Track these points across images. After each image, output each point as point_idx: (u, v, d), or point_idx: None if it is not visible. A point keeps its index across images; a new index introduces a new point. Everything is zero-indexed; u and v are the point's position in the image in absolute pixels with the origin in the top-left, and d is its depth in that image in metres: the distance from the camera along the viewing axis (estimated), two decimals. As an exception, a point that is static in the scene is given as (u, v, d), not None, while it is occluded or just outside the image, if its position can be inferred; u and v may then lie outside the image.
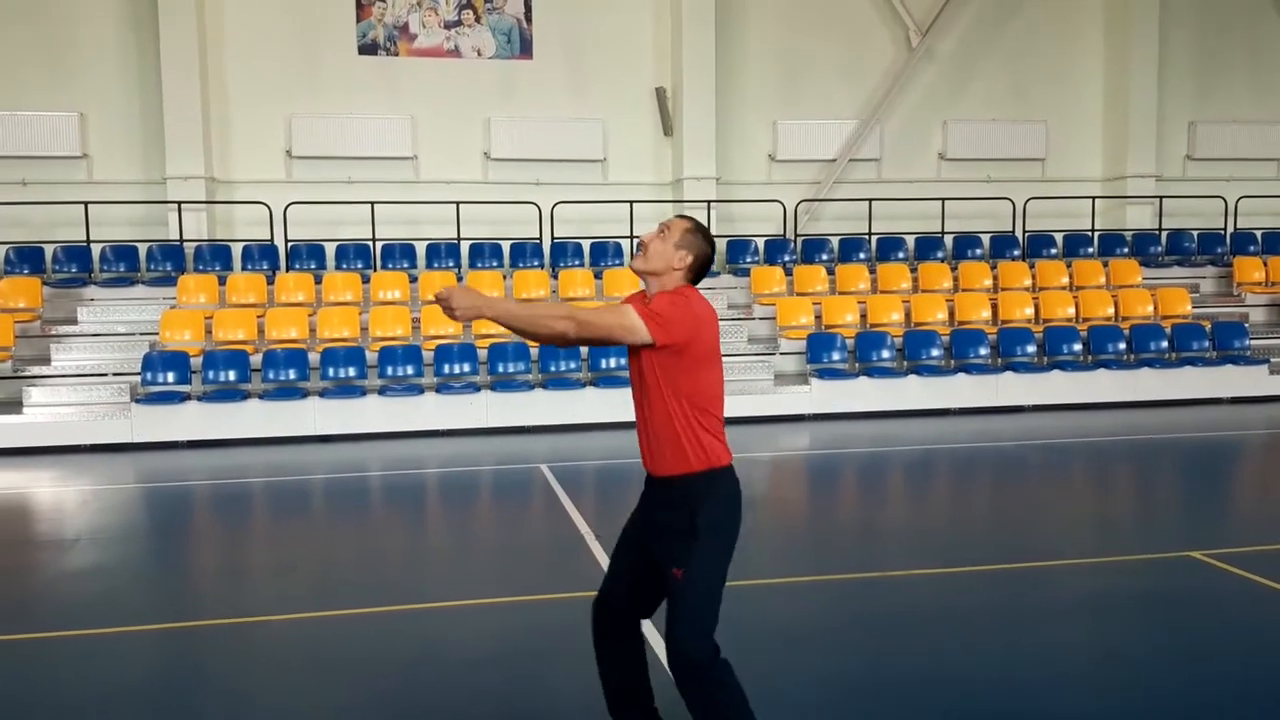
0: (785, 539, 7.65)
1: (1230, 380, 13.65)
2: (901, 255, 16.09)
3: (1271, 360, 13.93)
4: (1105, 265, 15.67)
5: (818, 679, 4.83)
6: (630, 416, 11.28)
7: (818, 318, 14.12)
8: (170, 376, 11.82)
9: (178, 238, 14.64)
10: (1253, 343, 14.31)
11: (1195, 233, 17.18)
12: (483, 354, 12.63)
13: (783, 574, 6.59)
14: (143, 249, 14.54)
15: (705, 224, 3.78)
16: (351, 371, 12.21)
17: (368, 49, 15.60)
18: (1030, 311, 14.37)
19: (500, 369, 12.51)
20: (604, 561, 6.76)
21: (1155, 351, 13.79)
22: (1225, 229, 17.49)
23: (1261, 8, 18.07)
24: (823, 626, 5.63)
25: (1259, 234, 17.30)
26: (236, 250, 14.82)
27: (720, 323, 11.94)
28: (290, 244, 14.92)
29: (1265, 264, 16.18)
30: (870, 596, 6.12)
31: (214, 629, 5.79)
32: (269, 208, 14.92)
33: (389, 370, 12.29)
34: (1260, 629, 5.47)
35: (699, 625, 3.54)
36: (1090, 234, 16.86)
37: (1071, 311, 14.48)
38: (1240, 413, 12.93)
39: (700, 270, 3.67)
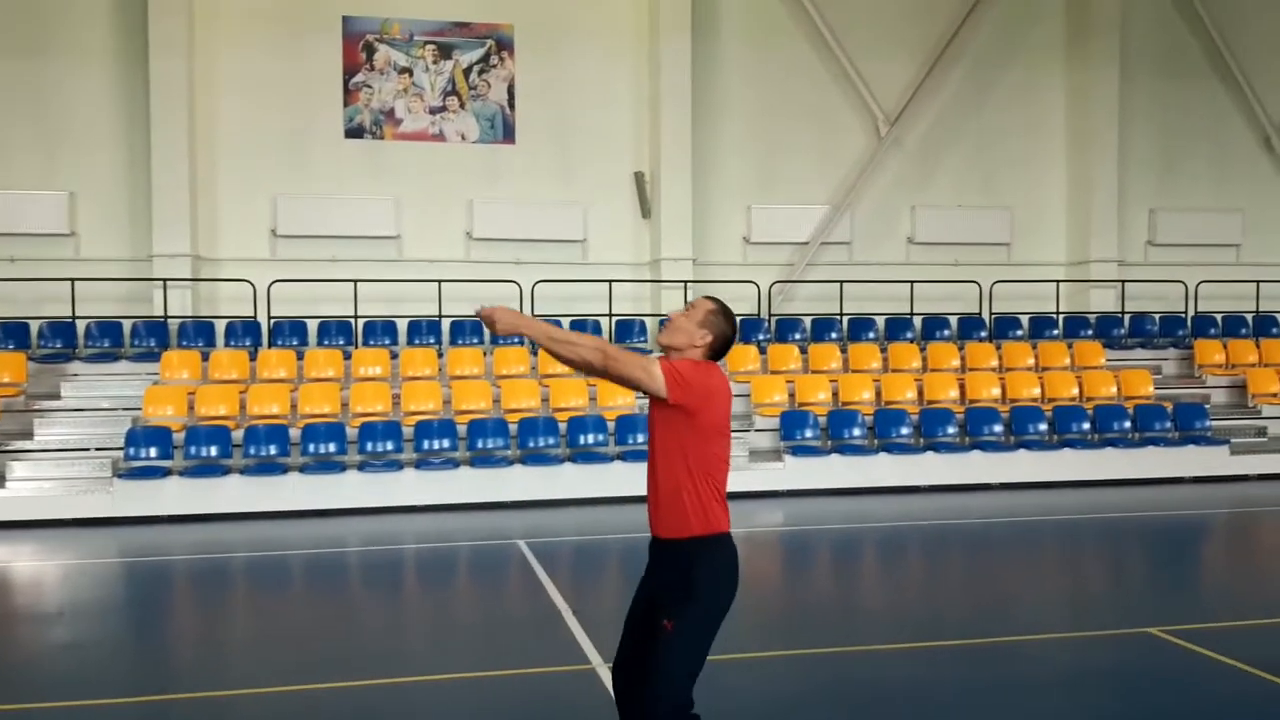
0: (761, 614, 7.83)
1: (1192, 460, 14.00)
2: (872, 335, 16.48)
3: (1232, 441, 14.31)
4: (1070, 347, 16.10)
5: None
6: (607, 492, 11.59)
7: (791, 395, 14.42)
8: (152, 451, 11.95)
9: (162, 314, 14.86)
10: (1213, 424, 14.69)
11: (1157, 316, 17.69)
12: (462, 430, 12.83)
13: (759, 649, 6.77)
14: (127, 325, 14.75)
15: (728, 307, 4.07)
16: (332, 447, 12.38)
17: (354, 132, 16.03)
18: (997, 391, 14.73)
19: (479, 445, 12.71)
20: (581, 637, 6.96)
21: (1118, 431, 14.15)
22: (1186, 312, 18.02)
23: (1219, 99, 18.82)
24: (799, 701, 5.81)
25: (1219, 317, 17.82)
26: (220, 327, 15.04)
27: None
28: (273, 321, 15.16)
29: (1225, 347, 16.66)
30: (846, 671, 6.32)
31: (192, 702, 5.92)
32: (253, 285, 15.19)
33: (369, 446, 12.46)
34: (1214, 703, 5.71)
35: (679, 681, 3.76)
36: (1055, 316, 17.34)
37: (1037, 392, 14.86)
38: (1202, 492, 13.26)
39: (720, 350, 3.94)
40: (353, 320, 15.36)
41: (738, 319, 15.54)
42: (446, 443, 12.64)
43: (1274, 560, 10.24)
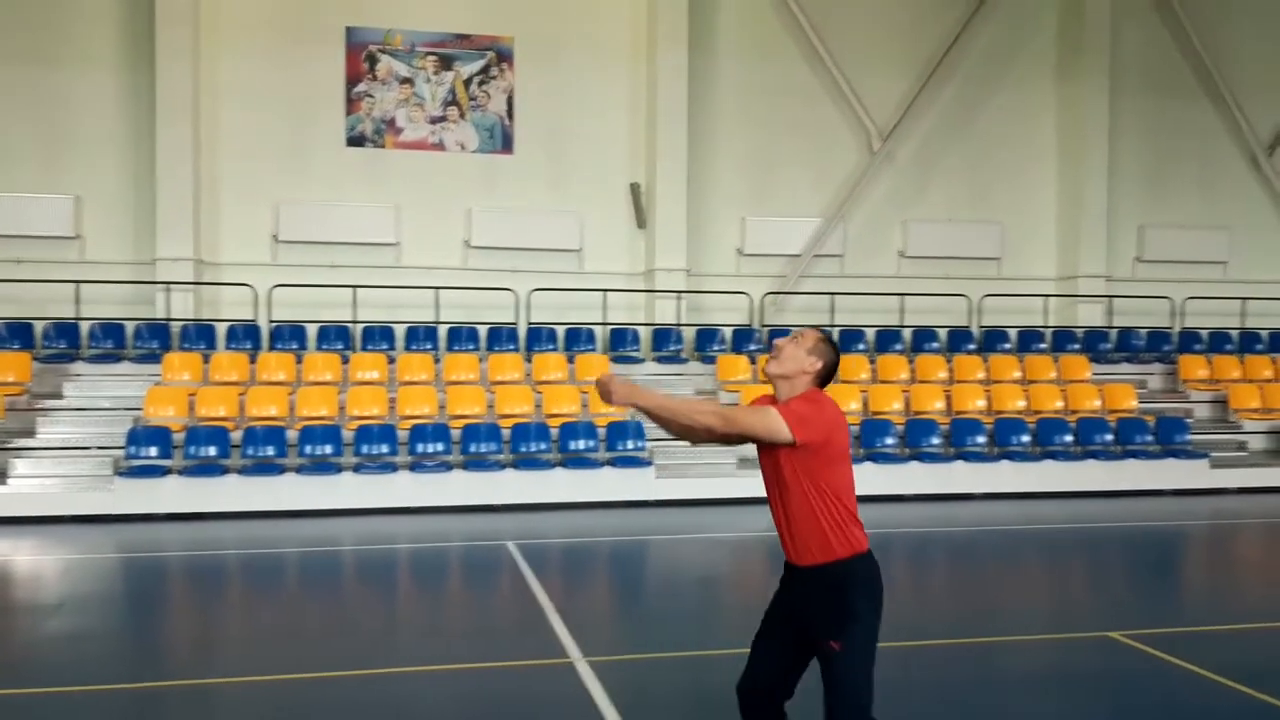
0: (750, 612, 8.10)
1: (1172, 473, 14.26)
2: (862, 347, 16.75)
3: (1212, 455, 14.56)
4: (1056, 360, 16.38)
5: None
6: (596, 497, 11.85)
7: (774, 401, 14.65)
8: (153, 451, 12.23)
9: (164, 316, 15.15)
10: (1195, 438, 14.95)
11: (1144, 331, 17.96)
12: (456, 434, 13.10)
13: (743, 644, 7.02)
14: (130, 327, 15.04)
15: (832, 336, 4.14)
16: (328, 449, 12.66)
17: (355, 141, 16.34)
18: (982, 403, 15.00)
19: (472, 449, 12.98)
20: (563, 634, 7.22)
21: (1100, 444, 14.41)
22: (1172, 328, 18.29)
23: (1208, 118, 19.11)
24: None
25: (1204, 333, 18.10)
26: (221, 330, 15.33)
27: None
28: (273, 325, 15.45)
29: (1210, 362, 16.93)
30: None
31: (184, 689, 6.19)
32: (254, 289, 15.48)
33: (365, 448, 12.74)
34: (1161, 703, 5.97)
35: (859, 698, 3.86)
36: (1043, 330, 17.61)
37: (1022, 404, 15.12)
38: (1180, 505, 13.50)
39: (827, 377, 4.03)
40: (351, 325, 15.64)
41: (731, 330, 15.85)
42: (440, 446, 12.92)
43: (1239, 570, 10.49)
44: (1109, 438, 14.45)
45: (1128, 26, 18.59)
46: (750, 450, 13.14)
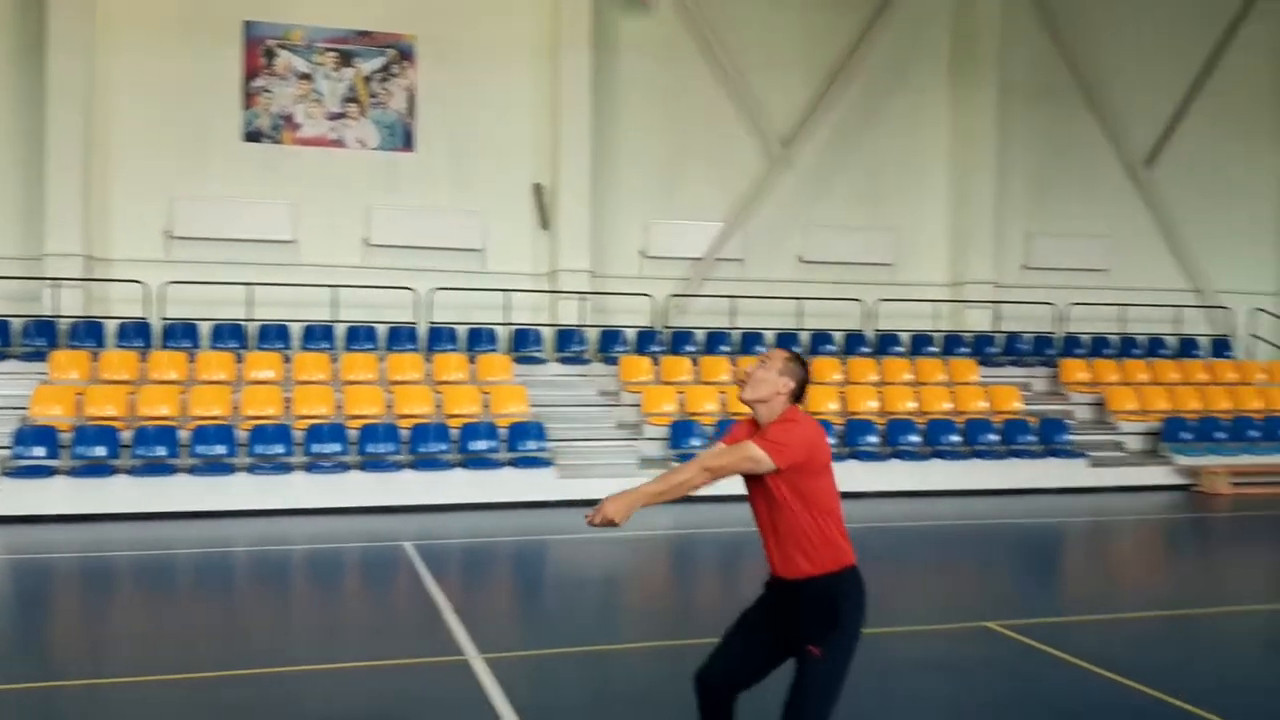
0: (649, 610, 8.25)
1: (1053, 472, 14.87)
2: (761, 349, 17.07)
3: (1090, 454, 15.23)
4: (946, 363, 16.92)
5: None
6: (497, 498, 11.86)
7: (681, 405, 14.90)
8: (40, 451, 11.90)
9: (52, 314, 14.71)
10: (1075, 438, 15.61)
11: (1029, 335, 18.66)
12: (354, 434, 13.01)
13: (641, 639, 7.17)
14: (16, 324, 14.56)
15: (799, 354, 4.20)
16: (222, 449, 12.46)
17: (253, 136, 16.07)
18: (875, 404, 15.42)
19: (370, 449, 12.90)
20: (460, 633, 7.26)
21: (986, 444, 14.95)
22: (1055, 333, 19.03)
23: (1091, 130, 19.92)
24: (684, 684, 6.23)
25: (1086, 338, 18.88)
26: (111, 328, 14.94)
27: (587, 409, 12.64)
28: (166, 322, 15.12)
29: (1090, 366, 17.67)
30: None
31: (73, 689, 6.10)
32: (146, 286, 15.13)
33: (259, 449, 12.56)
34: (1027, 686, 6.30)
35: (825, 707, 3.96)
36: (933, 334, 18.17)
37: (913, 405, 15.59)
38: (1060, 502, 14.08)
39: (800, 392, 4.09)
40: (246, 324, 15.39)
41: (635, 331, 16.02)
42: (337, 447, 12.81)
43: (1109, 565, 11.02)
44: (994, 438, 15.00)
45: (1017, 41, 19.28)
46: (650, 449, 13.29)
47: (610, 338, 16.87)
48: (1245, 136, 20.78)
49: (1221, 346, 19.64)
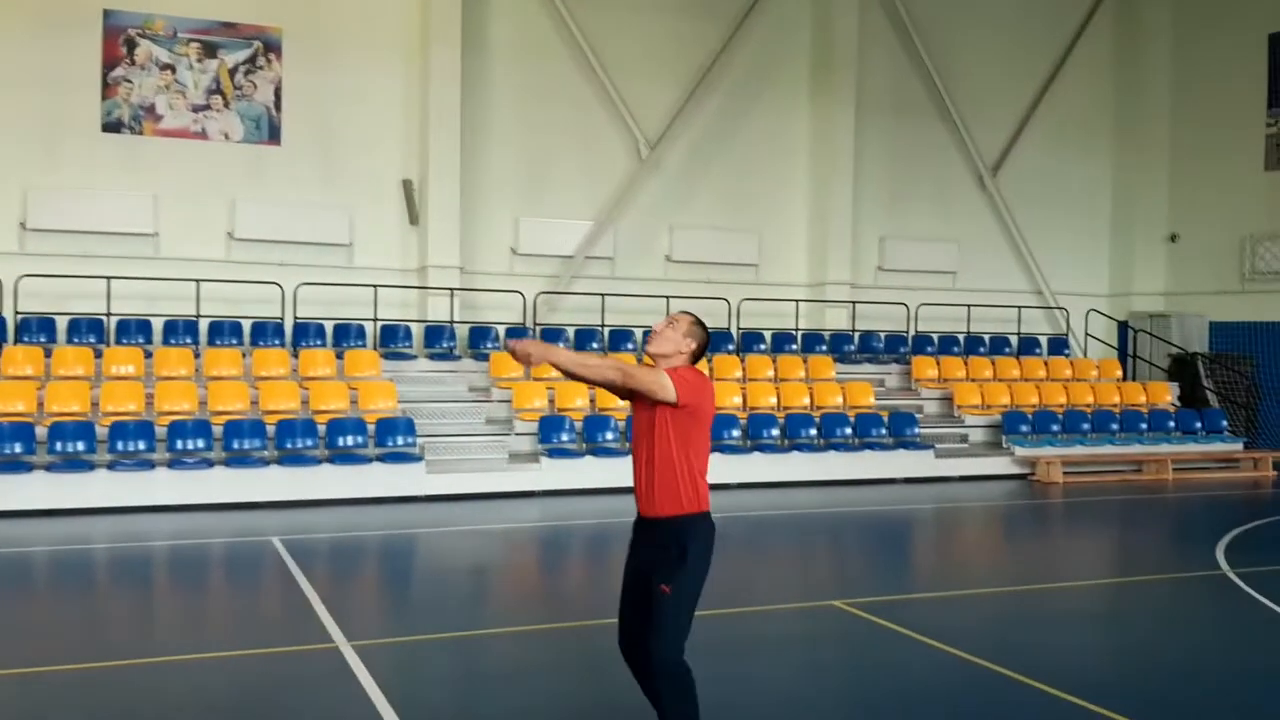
0: (517, 597, 8.51)
1: (903, 463, 15.69)
2: (630, 346, 17.49)
3: (936, 446, 16.12)
4: (805, 361, 17.63)
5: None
6: (365, 493, 11.98)
7: (551, 401, 15.18)
8: (-120, 449, 11.45)
9: (-108, 306, 14.14)
10: (923, 431, 16.48)
11: (883, 334, 19.56)
12: (218, 430, 12.88)
13: (507, 625, 7.44)
14: None
15: (702, 320, 4.79)
16: (80, 446, 12.20)
17: (112, 126, 15.69)
18: (739, 400, 15.99)
19: (235, 445, 12.80)
20: (329, 621, 7.42)
21: (841, 437, 15.68)
22: (908, 332, 20.00)
23: (942, 139, 20.98)
24: (549, 664, 6.54)
25: (935, 337, 19.89)
26: (-42, 321, 14.43)
27: (458, 404, 12.86)
28: (20, 316, 14.66)
29: (938, 363, 18.64)
30: (591, 639, 7.09)
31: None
32: (-3, 279, 14.66)
33: (120, 445, 12.34)
34: (874, 657, 6.82)
35: (675, 637, 4.46)
36: (795, 333, 18.90)
37: (774, 400, 16.22)
38: (909, 491, 14.89)
39: (699, 354, 4.67)
40: (105, 318, 15.04)
41: (505, 328, 16.18)
42: (201, 443, 12.68)
43: (950, 547, 11.78)
44: (848, 431, 15.74)
45: (873, 51, 20.17)
46: (519, 445, 13.54)
47: (480, 334, 17.03)
48: (1083, 147, 22.19)
49: (1059, 345, 20.93)
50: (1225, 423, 18.55)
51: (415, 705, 5.69)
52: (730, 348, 18.08)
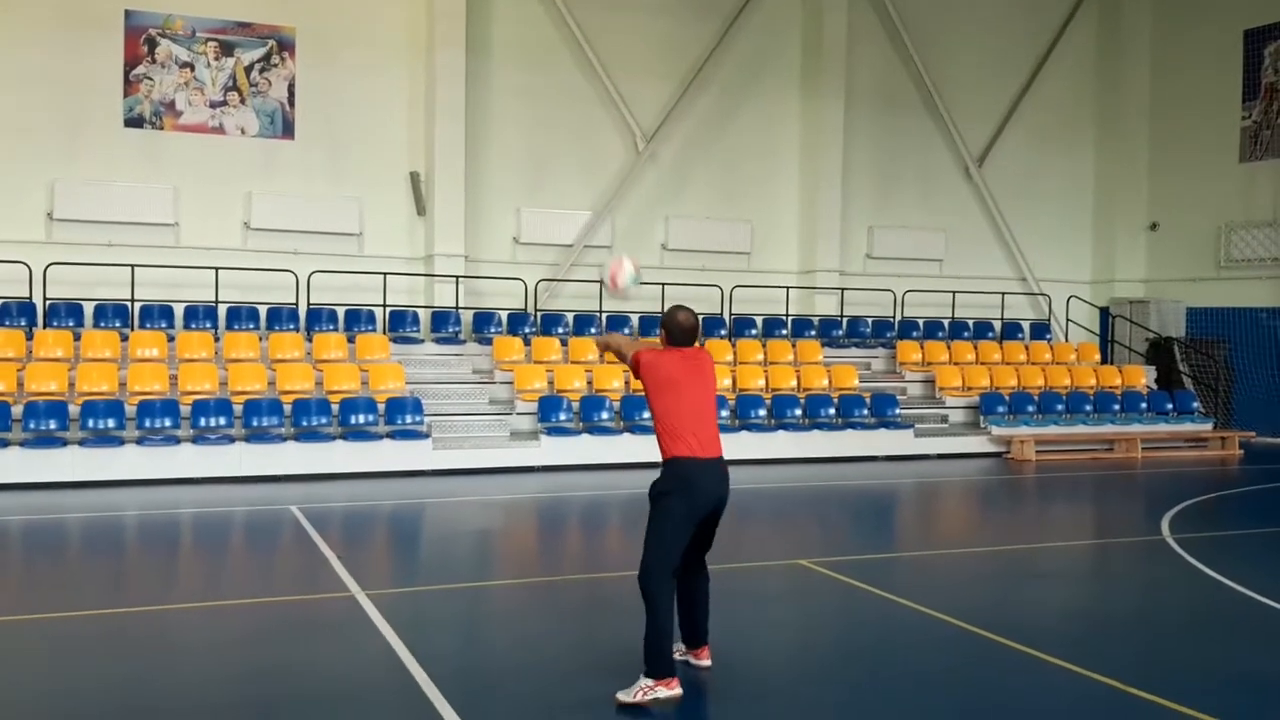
0: (518, 555, 9.36)
1: (884, 441, 16.54)
2: (627, 331, 18.33)
3: (916, 426, 16.96)
4: (794, 345, 18.46)
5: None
6: (377, 468, 12.88)
7: (551, 383, 16.03)
8: (-73, 425, 12.35)
9: (-70, 292, 15.02)
10: (905, 412, 17.32)
11: (870, 320, 20.37)
12: (238, 409, 13.76)
13: (511, 577, 8.29)
14: (-108, 302, 14.82)
15: (674, 308, 5.99)
16: (110, 423, 13.08)
17: (134, 122, 16.54)
18: (729, 382, 16.83)
19: (254, 423, 13.68)
20: (345, 575, 8.30)
21: (825, 417, 16.52)
22: (894, 317, 20.82)
23: (929, 132, 21.77)
24: (547, 610, 7.39)
25: (921, 322, 20.71)
26: (-8, 307, 15.31)
27: (462, 385, 13.73)
28: (49, 302, 15.55)
29: (922, 347, 19.45)
30: (588, 590, 7.95)
31: None
32: (29, 267, 15.52)
33: (147, 422, 13.23)
34: (828, 608, 7.69)
35: (649, 561, 5.53)
36: (785, 318, 19.73)
37: (762, 383, 17.06)
38: (889, 468, 15.73)
39: (673, 336, 5.79)
40: (130, 304, 15.92)
41: (507, 314, 16.89)
42: (223, 420, 13.56)
43: (918, 515, 12.62)
44: (831, 411, 16.58)
45: (862, 47, 20.94)
46: (520, 424, 14.43)
47: (484, 319, 17.88)
48: (1066, 137, 22.97)
49: (1041, 330, 21.73)
50: (1196, 404, 19.35)
51: (425, 642, 6.53)
52: (722, 333, 18.91)
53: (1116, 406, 18.66)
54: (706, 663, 5.96)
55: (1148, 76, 22.74)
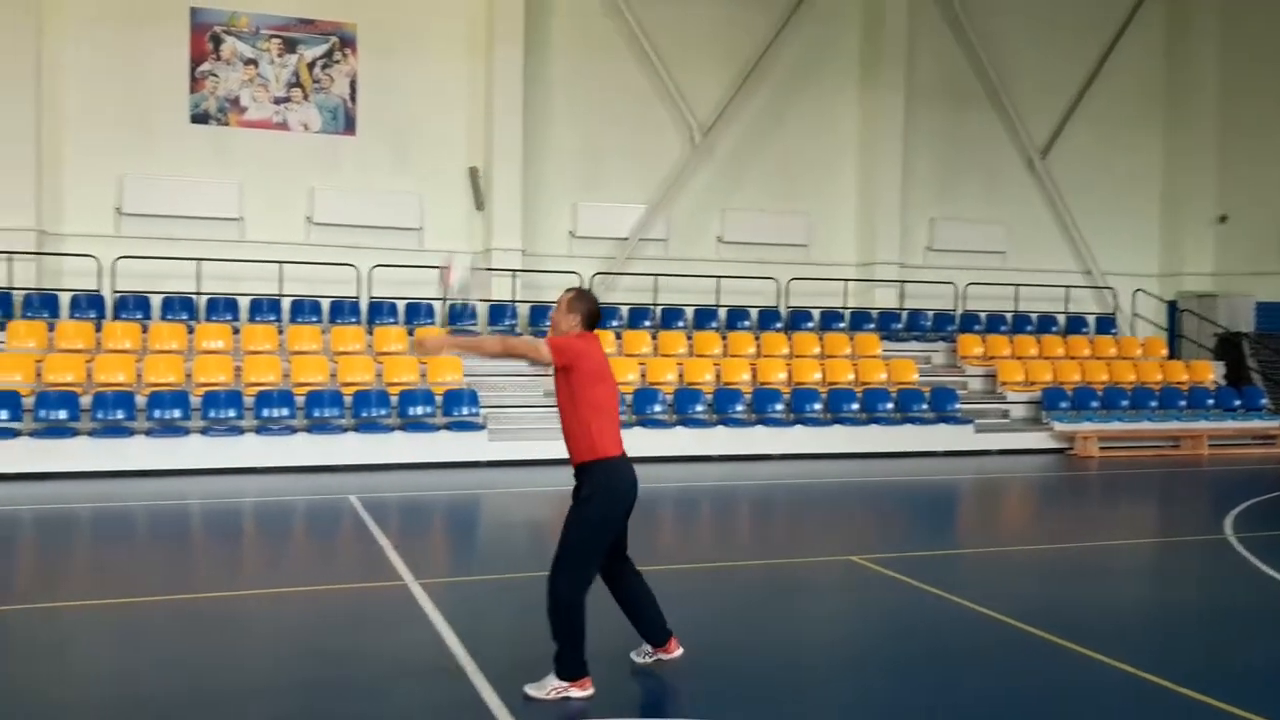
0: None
1: (943, 437, 16.37)
2: (681, 324, 18.34)
3: (976, 421, 16.75)
4: (851, 338, 18.32)
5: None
6: (434, 459, 13.10)
7: (605, 376, 16.07)
8: (2, 414, 12.76)
9: (6, 285, 15.47)
10: (965, 407, 17.12)
11: (931, 312, 20.15)
12: (300, 400, 14.02)
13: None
14: (-30, 295, 15.33)
15: (585, 288, 5.63)
16: (177, 413, 13.42)
17: (199, 118, 16.90)
18: (784, 376, 16.77)
19: (316, 414, 13.93)
20: (399, 564, 8.43)
21: (882, 411, 16.39)
22: (955, 310, 20.56)
23: (991, 123, 21.46)
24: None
25: (982, 315, 20.44)
26: (65, 299, 15.73)
27: (518, 378, 13.82)
28: (117, 295, 15.96)
29: (984, 341, 19.20)
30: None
31: (37, 611, 7.17)
32: (98, 260, 15.94)
33: (212, 413, 13.54)
34: (877, 605, 7.65)
35: (561, 566, 5.30)
36: (843, 311, 19.58)
37: (819, 376, 16.97)
38: (948, 463, 15.57)
39: (589, 321, 5.39)
40: (196, 297, 16.28)
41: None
42: (285, 411, 13.83)
43: (976, 512, 12.47)
44: (890, 406, 16.44)
45: (923, 39, 20.70)
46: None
47: (540, 313, 17.98)
48: (1132, 129, 22.49)
49: (1106, 324, 21.34)
50: (1265, 401, 18.86)
51: (475, 632, 6.60)
52: (779, 326, 18.83)
53: (1183, 403, 18.26)
54: (679, 652, 5.77)
55: (1217, 64, 22.18)
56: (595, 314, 5.48)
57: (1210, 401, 18.46)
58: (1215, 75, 22.19)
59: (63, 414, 13.00)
